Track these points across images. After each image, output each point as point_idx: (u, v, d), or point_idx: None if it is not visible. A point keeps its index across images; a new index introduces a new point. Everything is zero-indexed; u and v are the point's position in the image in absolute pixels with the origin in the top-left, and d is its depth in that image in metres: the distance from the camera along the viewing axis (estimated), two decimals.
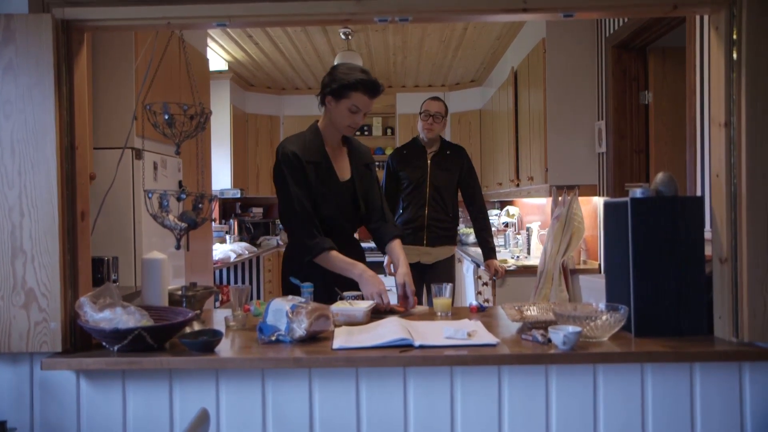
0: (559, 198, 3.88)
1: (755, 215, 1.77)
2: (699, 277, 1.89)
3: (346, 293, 2.33)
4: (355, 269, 2.34)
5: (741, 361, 1.80)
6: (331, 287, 2.39)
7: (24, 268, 1.80)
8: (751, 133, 1.76)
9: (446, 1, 1.85)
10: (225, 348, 1.86)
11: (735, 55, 1.79)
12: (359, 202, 2.53)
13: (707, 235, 1.91)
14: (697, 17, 2.62)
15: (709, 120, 1.95)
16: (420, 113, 3.74)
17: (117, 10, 1.86)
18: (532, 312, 2.11)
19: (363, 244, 2.78)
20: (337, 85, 2.38)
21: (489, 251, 3.81)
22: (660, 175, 1.97)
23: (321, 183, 2.41)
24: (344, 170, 2.51)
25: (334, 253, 2.36)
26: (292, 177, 2.37)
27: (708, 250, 1.91)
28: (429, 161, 3.70)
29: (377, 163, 6.93)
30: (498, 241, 5.50)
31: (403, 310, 2.35)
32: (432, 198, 3.66)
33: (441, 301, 2.30)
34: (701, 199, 1.96)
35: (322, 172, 2.42)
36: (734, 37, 1.79)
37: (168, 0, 1.86)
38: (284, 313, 1.88)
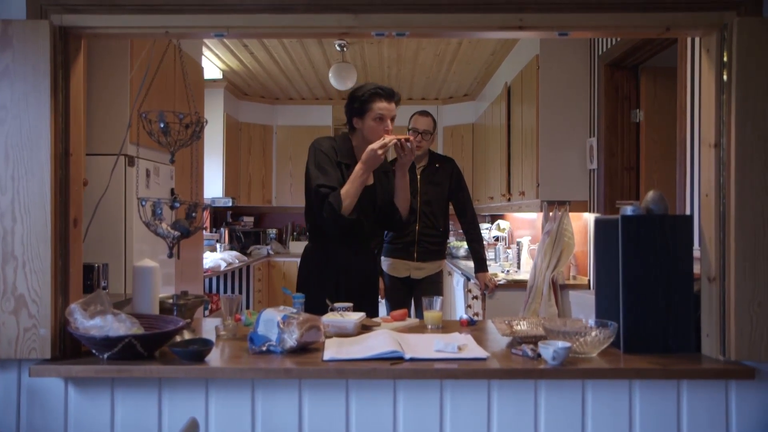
0: (550, 213, 3.91)
1: (743, 235, 1.79)
2: (687, 295, 1.92)
3: (337, 304, 2.33)
4: (357, 171, 2.44)
5: (728, 379, 1.82)
6: (333, 296, 2.43)
7: (15, 273, 1.79)
8: (741, 155, 1.79)
9: (443, 18, 1.88)
10: (215, 357, 1.85)
11: (725, 77, 1.82)
12: (377, 205, 2.63)
13: (696, 253, 1.94)
14: (689, 39, 2.66)
15: (699, 140, 1.99)
16: (408, 129, 3.67)
17: (115, 18, 1.87)
18: (522, 327, 2.12)
19: None
20: (358, 103, 2.54)
21: (480, 264, 3.80)
22: (650, 194, 1.99)
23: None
24: (369, 177, 2.59)
25: (341, 191, 2.44)
26: (318, 161, 2.50)
27: (697, 269, 1.93)
28: (419, 176, 3.65)
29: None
30: (488, 254, 5.51)
31: (391, 321, 2.36)
32: (423, 213, 3.62)
33: (431, 315, 2.30)
34: (690, 218, 1.99)
35: (350, 174, 2.52)
36: (725, 59, 1.82)
37: (167, 9, 1.87)
38: (275, 323, 1.88)
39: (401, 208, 2.64)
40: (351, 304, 2.35)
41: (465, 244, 6.31)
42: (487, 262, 3.95)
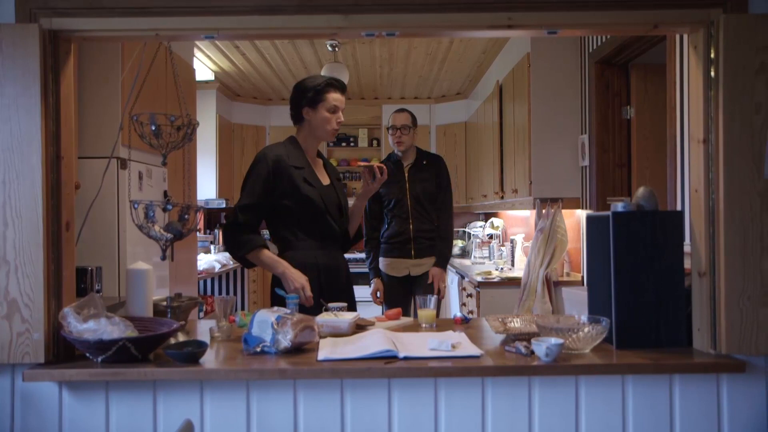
0: (543, 210, 3.93)
1: (732, 230, 1.80)
2: (678, 289, 1.93)
3: (331, 304, 2.34)
4: (279, 267, 2.43)
5: (719, 372, 1.84)
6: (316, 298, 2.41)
7: (7, 278, 1.79)
8: (729, 150, 1.81)
9: (433, 18, 1.88)
10: (210, 359, 1.86)
11: (713, 74, 1.84)
12: (342, 204, 2.63)
13: (687, 248, 1.95)
14: (677, 36, 2.68)
15: (689, 136, 2.00)
16: (387, 128, 3.71)
17: (105, 21, 1.87)
18: (516, 324, 2.13)
19: (349, 255, 2.80)
20: (312, 93, 2.53)
21: (438, 258, 3.62)
22: (641, 190, 2.01)
23: (307, 183, 2.51)
24: (324, 177, 2.63)
25: (265, 251, 2.45)
26: (256, 182, 2.46)
27: (687, 264, 1.95)
28: (406, 174, 3.63)
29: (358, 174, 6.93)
30: (482, 252, 5.53)
31: (385, 320, 2.37)
32: (414, 210, 3.60)
33: (425, 313, 2.31)
34: (681, 213, 2.00)
35: (307, 174, 2.53)
36: (712, 56, 1.84)
37: (157, 12, 1.87)
38: (269, 324, 1.88)
39: (351, 229, 2.71)
40: (345, 304, 2.36)
41: (458, 242, 6.37)
42: (482, 260, 3.93)
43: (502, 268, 4.72)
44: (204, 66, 5.80)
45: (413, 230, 3.61)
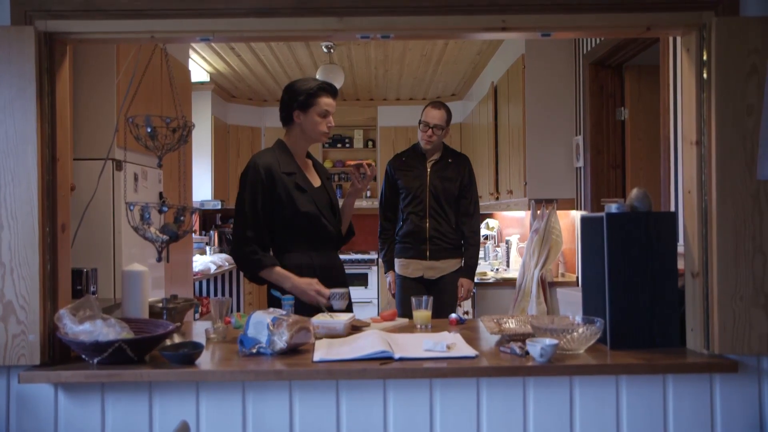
0: (538, 211, 3.94)
1: (725, 231, 1.82)
2: (672, 290, 1.94)
3: (333, 290, 2.36)
4: (287, 281, 2.43)
5: (712, 372, 1.85)
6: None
7: (2, 280, 1.79)
8: (721, 152, 1.82)
9: (427, 20, 1.89)
10: (205, 360, 1.86)
11: (705, 76, 1.85)
12: (333, 203, 2.65)
13: (680, 249, 1.96)
14: (671, 38, 2.69)
15: (682, 138, 2.01)
16: (419, 122, 3.46)
17: (101, 24, 1.87)
18: (511, 325, 2.14)
19: (344, 256, 2.81)
20: (304, 96, 2.51)
21: (467, 269, 3.52)
22: (635, 191, 2.02)
23: (299, 188, 2.51)
24: (315, 179, 2.64)
25: (276, 268, 2.45)
26: (254, 192, 2.45)
27: (681, 264, 1.96)
28: (429, 169, 3.47)
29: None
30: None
31: (380, 321, 2.38)
32: (432, 208, 3.43)
33: (421, 314, 2.32)
34: (674, 214, 2.02)
35: (299, 179, 2.53)
36: (704, 58, 1.85)
37: (152, 14, 1.87)
38: (265, 325, 1.89)
39: (342, 229, 2.71)
40: (347, 290, 2.40)
41: None
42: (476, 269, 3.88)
43: (497, 269, 4.74)
44: (199, 67, 5.80)
45: (429, 229, 3.44)
